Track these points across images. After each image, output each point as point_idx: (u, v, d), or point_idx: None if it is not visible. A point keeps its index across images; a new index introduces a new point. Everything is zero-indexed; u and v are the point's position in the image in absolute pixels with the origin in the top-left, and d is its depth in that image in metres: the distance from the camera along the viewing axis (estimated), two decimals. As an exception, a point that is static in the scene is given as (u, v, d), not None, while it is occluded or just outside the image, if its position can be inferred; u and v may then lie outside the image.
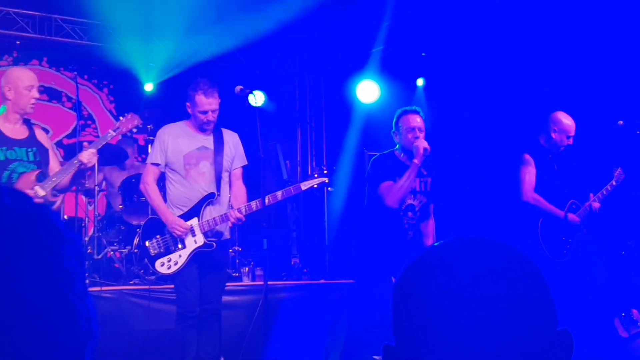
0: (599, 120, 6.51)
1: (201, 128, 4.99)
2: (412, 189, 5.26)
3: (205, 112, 4.92)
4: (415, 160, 5.14)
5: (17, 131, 4.73)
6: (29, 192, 4.40)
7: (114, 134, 4.86)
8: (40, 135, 4.86)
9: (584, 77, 6.79)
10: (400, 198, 5.19)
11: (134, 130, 4.97)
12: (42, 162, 4.72)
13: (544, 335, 0.97)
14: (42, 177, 4.63)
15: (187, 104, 5.01)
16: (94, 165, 4.73)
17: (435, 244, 1.05)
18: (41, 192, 4.48)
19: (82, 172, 4.75)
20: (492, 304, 0.96)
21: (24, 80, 4.69)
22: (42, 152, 4.77)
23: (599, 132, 6.47)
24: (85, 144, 4.73)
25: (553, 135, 5.64)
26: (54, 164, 4.82)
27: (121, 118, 4.94)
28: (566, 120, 5.66)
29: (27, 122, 4.85)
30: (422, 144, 5.16)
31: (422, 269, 1.03)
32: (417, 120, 5.26)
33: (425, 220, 5.44)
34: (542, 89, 6.94)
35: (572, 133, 5.65)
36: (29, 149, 4.70)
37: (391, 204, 5.18)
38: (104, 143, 4.79)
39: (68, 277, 0.81)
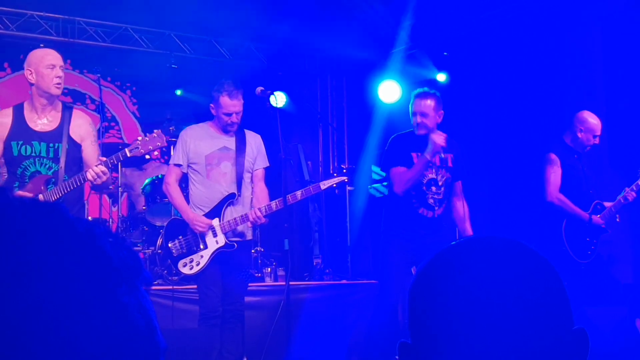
0: (624, 119, 6.42)
1: (224, 129, 5.00)
2: (430, 166, 5.21)
3: (229, 114, 4.93)
4: (427, 156, 5.11)
5: (43, 122, 4.41)
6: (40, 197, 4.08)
7: (129, 154, 4.42)
8: (76, 126, 4.47)
9: (609, 76, 6.69)
10: (407, 188, 5.18)
11: (155, 153, 4.53)
12: (66, 159, 4.39)
13: (560, 334, 0.97)
14: (55, 181, 4.36)
15: (211, 105, 5.02)
16: (103, 182, 4.33)
17: (452, 242, 1.05)
18: None
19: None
20: (507, 303, 0.96)
21: (45, 59, 4.37)
22: (71, 147, 4.43)
23: (624, 131, 6.38)
24: (101, 157, 4.38)
25: (579, 134, 5.58)
26: (89, 158, 4.48)
27: (147, 136, 4.49)
28: (592, 119, 5.60)
29: (66, 109, 4.49)
30: (438, 139, 5.11)
31: (438, 267, 1.03)
32: (420, 104, 5.20)
33: (455, 196, 5.37)
34: (568, 88, 6.86)
35: (599, 132, 5.60)
36: (51, 145, 4.39)
37: (398, 191, 5.21)
38: (116, 162, 4.40)
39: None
